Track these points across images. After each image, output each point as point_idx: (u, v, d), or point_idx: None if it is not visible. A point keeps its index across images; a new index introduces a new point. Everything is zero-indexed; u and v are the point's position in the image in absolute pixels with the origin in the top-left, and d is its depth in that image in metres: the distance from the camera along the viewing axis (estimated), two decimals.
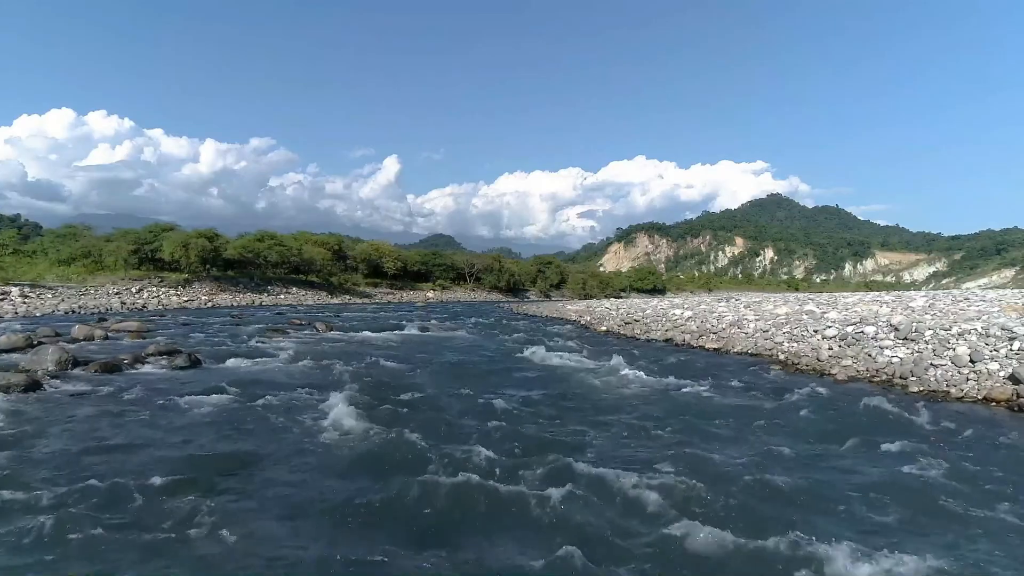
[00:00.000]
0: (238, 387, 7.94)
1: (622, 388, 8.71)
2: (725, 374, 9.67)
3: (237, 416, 6.46)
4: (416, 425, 6.08)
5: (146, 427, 6.10)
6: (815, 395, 8.00)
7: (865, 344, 9.86)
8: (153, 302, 34.19)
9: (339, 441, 5.64)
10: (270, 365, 10.21)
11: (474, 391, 8.20)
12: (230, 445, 5.54)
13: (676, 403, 7.65)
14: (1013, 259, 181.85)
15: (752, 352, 11.91)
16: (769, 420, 6.76)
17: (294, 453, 5.30)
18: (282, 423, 6.21)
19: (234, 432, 5.91)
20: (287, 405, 6.97)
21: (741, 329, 13.33)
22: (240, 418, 6.38)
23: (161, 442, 5.60)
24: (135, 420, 6.38)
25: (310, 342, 14.11)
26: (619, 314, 20.97)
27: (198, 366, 9.93)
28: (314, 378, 8.94)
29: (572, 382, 9.14)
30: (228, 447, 5.48)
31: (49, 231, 59.13)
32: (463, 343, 15.06)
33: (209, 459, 5.10)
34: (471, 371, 10.05)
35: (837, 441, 5.95)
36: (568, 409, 7.31)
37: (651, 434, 6.20)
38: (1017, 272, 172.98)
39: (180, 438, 5.75)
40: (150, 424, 6.20)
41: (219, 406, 6.95)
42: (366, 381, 8.53)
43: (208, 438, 5.75)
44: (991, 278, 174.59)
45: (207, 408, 6.86)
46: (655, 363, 11.06)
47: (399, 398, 7.53)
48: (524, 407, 7.28)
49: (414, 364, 10.32)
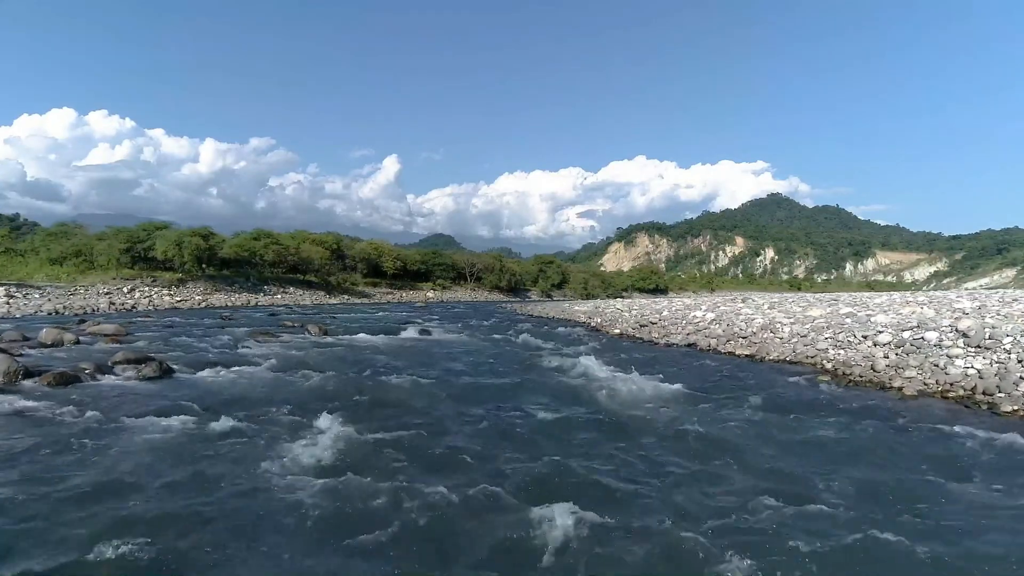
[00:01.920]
0: (207, 406, 6.75)
1: (657, 405, 7.52)
2: (769, 386, 8.49)
3: (194, 450, 5.24)
4: (415, 463, 4.91)
5: (74, 466, 4.87)
6: (887, 415, 6.84)
7: (929, 353, 8.66)
8: (144, 303, 33.00)
9: (315, 493, 4.34)
10: (251, 376, 9.00)
11: (483, 411, 7.02)
12: (174, 500, 4.25)
13: (729, 425, 6.46)
14: (1014, 259, 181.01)
15: (790, 360, 10.72)
16: (846, 449, 5.58)
17: (254, 516, 3.99)
18: (248, 464, 4.96)
19: (185, 476, 4.68)
20: (259, 434, 5.75)
21: (775, 334, 12.12)
22: (197, 453, 5.16)
23: (86, 489, 4.37)
24: (68, 452, 5.18)
25: (300, 347, 12.90)
26: (632, 316, 19.74)
27: (168, 376, 8.72)
28: (298, 394, 7.74)
29: (594, 397, 7.93)
30: (171, 503, 4.18)
31: (41, 229, 57.95)
32: (467, 349, 13.84)
33: (139, 522, 3.86)
34: (478, 384, 8.83)
35: (948, 477, 4.76)
36: (598, 434, 6.11)
37: (709, 469, 5.01)
38: (1018, 272, 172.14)
39: (113, 482, 4.53)
40: (80, 462, 4.97)
41: (177, 434, 5.75)
42: (358, 400, 7.33)
43: (149, 486, 4.49)
44: (992, 278, 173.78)
45: (162, 436, 5.66)
46: (684, 372, 9.89)
47: (395, 422, 6.32)
48: (544, 432, 6.09)
49: (414, 375, 9.10)
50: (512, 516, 3.92)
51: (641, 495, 4.43)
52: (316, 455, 5.06)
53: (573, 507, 3.91)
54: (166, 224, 49.57)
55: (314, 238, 56.71)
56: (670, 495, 4.45)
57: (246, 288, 44.18)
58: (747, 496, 4.36)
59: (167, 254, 41.80)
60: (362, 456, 5.12)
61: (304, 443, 5.38)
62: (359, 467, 4.81)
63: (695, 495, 4.44)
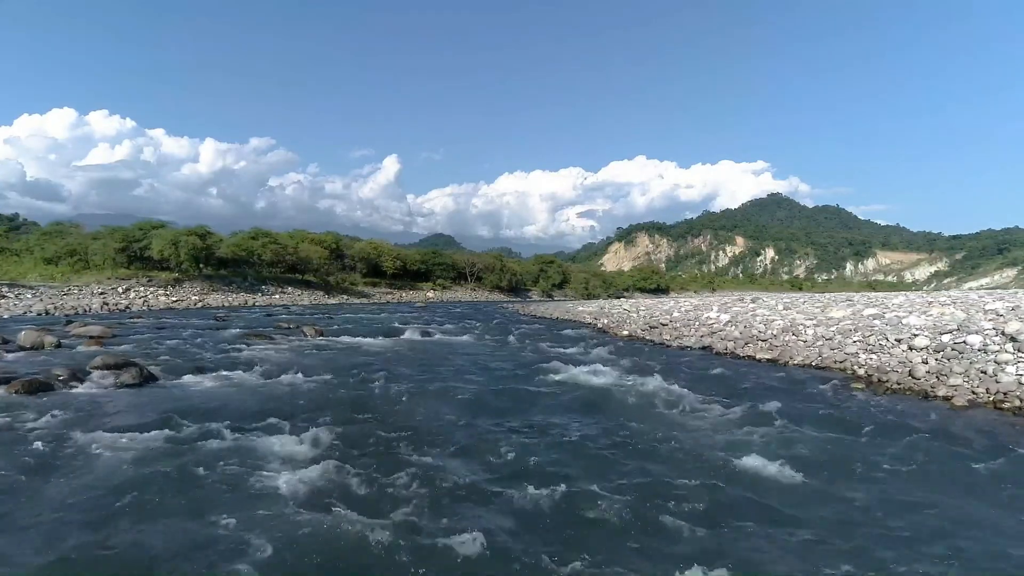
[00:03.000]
0: (187, 417, 6.09)
1: (685, 418, 6.87)
2: (801, 395, 7.84)
3: (165, 476, 4.57)
4: (417, 496, 4.26)
5: (24, 492, 4.22)
6: (940, 429, 6.20)
7: (973, 358, 8.01)
8: (138, 303, 32.34)
9: (298, 531, 3.66)
10: (238, 383, 8.33)
11: (493, 426, 6.36)
12: (134, 531, 3.61)
13: (768, 442, 5.79)
14: (1015, 258, 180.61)
15: (817, 364, 10.06)
16: (907, 472, 4.93)
17: (221, 555, 3.37)
18: (223, 491, 4.29)
19: (151, 505, 4.03)
20: (240, 454, 5.07)
21: (797, 337, 11.43)
22: (168, 480, 4.49)
23: (32, 520, 3.72)
24: (21, 473, 4.52)
25: (294, 350, 12.22)
26: (641, 317, 19.04)
27: (149, 383, 8.06)
28: (287, 404, 7.06)
29: (614, 409, 7.26)
30: (129, 535, 3.55)
31: (36, 228, 57.32)
32: (470, 352, 13.15)
33: (87, 559, 3.21)
34: (486, 393, 8.12)
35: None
36: (625, 457, 5.40)
37: (764, 502, 4.35)
38: (1019, 271, 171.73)
39: (66, 509, 3.90)
40: (30, 487, 4.32)
41: (150, 452, 5.09)
42: (352, 412, 6.63)
43: (108, 515, 3.86)
44: (993, 278, 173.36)
45: (134, 454, 5.00)
46: (705, 379, 9.22)
47: (394, 440, 5.65)
48: (567, 456, 5.40)
49: (413, 383, 8.41)
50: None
51: (689, 538, 3.77)
52: (301, 482, 4.39)
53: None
54: (163, 223, 48.96)
55: (313, 237, 56.06)
56: (726, 540, 3.80)
57: (244, 288, 43.53)
58: (824, 536, 3.71)
59: (163, 253, 41.20)
60: (354, 484, 4.46)
61: (289, 467, 4.73)
62: (349, 499, 4.18)
63: (760, 542, 3.78)
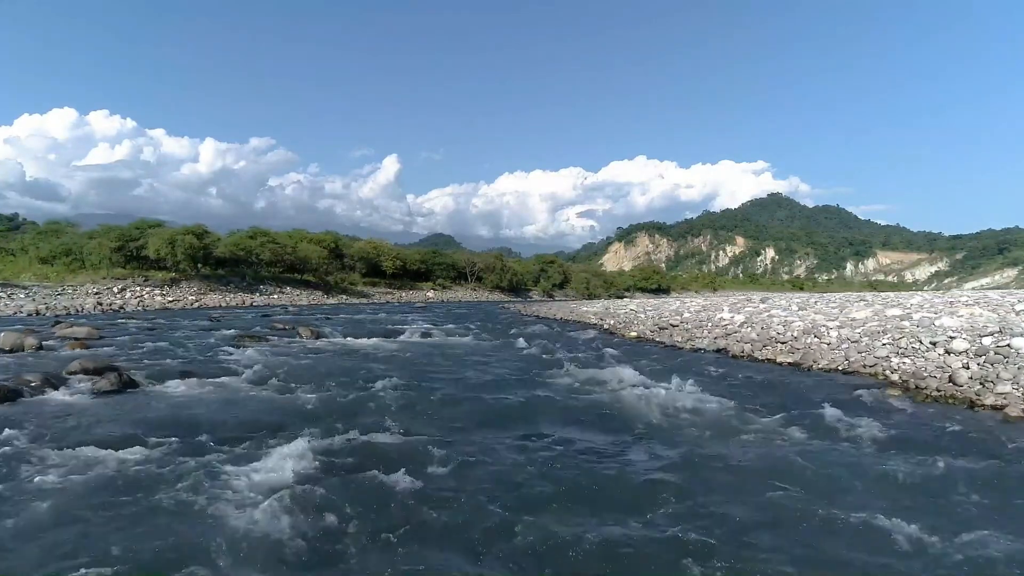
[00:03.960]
0: (162, 431, 5.51)
1: (720, 433, 6.28)
2: (834, 402, 7.24)
3: (133, 493, 3.98)
4: (418, 531, 3.66)
5: None
6: (995, 443, 5.63)
7: (1022, 364, 7.41)
8: (133, 303, 31.77)
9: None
10: (225, 389, 7.72)
11: (504, 440, 5.75)
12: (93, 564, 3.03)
13: (805, 459, 5.20)
14: (1015, 258, 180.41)
15: (843, 368, 9.45)
16: (969, 495, 4.34)
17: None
18: (193, 523, 3.69)
19: (114, 532, 3.42)
20: (217, 475, 4.45)
21: (820, 339, 10.81)
22: (135, 498, 3.90)
23: None
24: None
25: (288, 353, 11.62)
26: (649, 317, 18.40)
27: (128, 390, 7.45)
28: (274, 414, 6.46)
29: (635, 420, 6.63)
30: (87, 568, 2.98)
31: (32, 227, 56.73)
32: (474, 354, 12.54)
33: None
34: (493, 400, 7.49)
35: None
36: (660, 482, 4.72)
37: (818, 527, 3.75)
38: (1020, 271, 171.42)
39: (16, 539, 3.29)
40: None
41: (118, 469, 4.51)
42: (345, 426, 5.97)
43: (63, 545, 3.26)
44: (993, 277, 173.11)
45: (97, 472, 4.41)
46: (727, 385, 8.63)
47: (391, 456, 5.01)
48: (587, 480, 4.72)
49: (413, 390, 7.75)
50: None
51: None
52: (282, 510, 3.79)
53: None
54: (159, 222, 48.41)
55: (312, 237, 55.51)
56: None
57: (241, 288, 42.98)
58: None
59: (160, 253, 40.65)
60: (340, 512, 3.87)
61: (270, 491, 4.12)
62: (334, 532, 3.59)
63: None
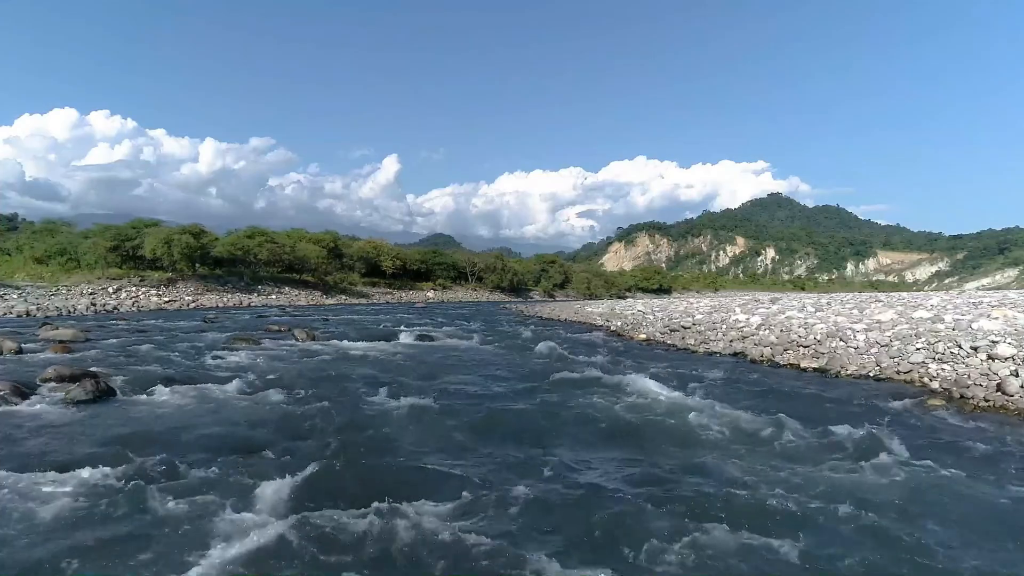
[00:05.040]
0: (135, 447, 4.92)
1: (759, 451, 5.68)
2: (879, 415, 6.65)
3: (90, 524, 3.35)
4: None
5: None
6: None
7: None
8: (128, 304, 31.16)
9: None
10: (208, 399, 7.08)
11: (509, 463, 5.09)
12: None
13: (860, 488, 4.60)
14: (1016, 258, 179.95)
15: (875, 375, 8.84)
16: None
17: None
18: (165, 557, 3.10)
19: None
20: (190, 502, 3.84)
21: (847, 343, 10.19)
22: (95, 531, 3.27)
23: None
24: None
25: (281, 357, 10.98)
26: (658, 319, 17.73)
27: (105, 399, 6.83)
28: (263, 429, 5.83)
29: (659, 436, 6.00)
30: None
31: (27, 227, 56.10)
32: (477, 360, 11.85)
33: None
34: (502, 413, 6.78)
35: None
36: (695, 512, 4.12)
37: None
38: (1021, 271, 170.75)
39: None
40: None
41: (74, 503, 3.87)
42: (337, 444, 5.32)
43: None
44: (994, 277, 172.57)
45: (54, 501, 3.79)
46: (754, 393, 8.00)
47: (383, 483, 4.34)
48: (612, 512, 4.09)
49: (413, 400, 7.03)
50: None
51: None
52: (260, 549, 3.17)
53: None
54: (156, 221, 47.81)
55: (310, 237, 54.92)
56: None
57: (239, 288, 42.38)
58: None
59: (156, 252, 40.07)
60: (326, 551, 3.25)
61: (247, 525, 3.51)
62: None
63: None
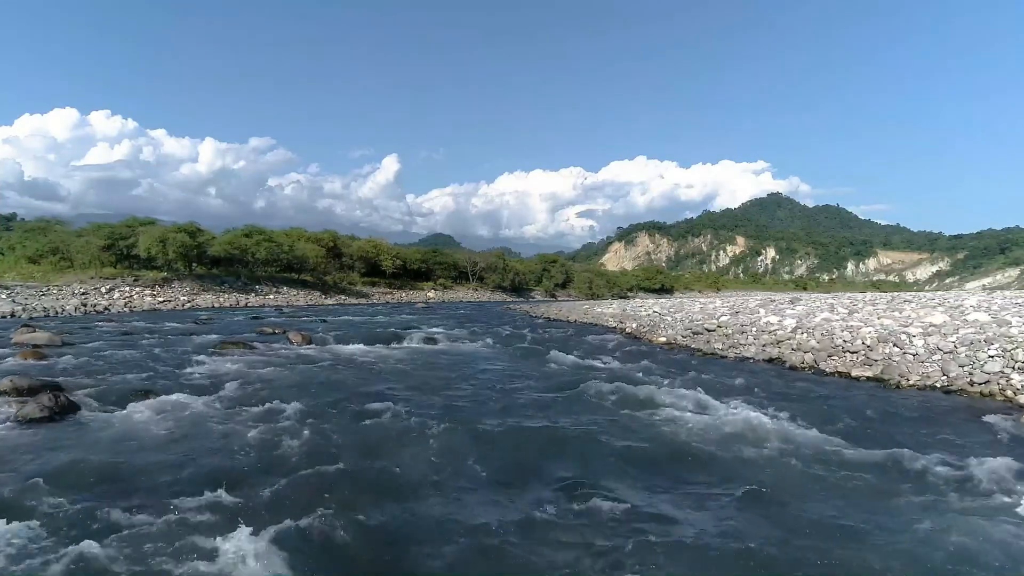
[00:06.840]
0: (81, 483, 4.04)
1: (836, 482, 4.72)
2: (961, 436, 5.67)
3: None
4: None
5: None
6: None
7: None
8: (121, 304, 30.16)
9: None
10: (187, 415, 6.09)
11: (528, 497, 4.14)
12: None
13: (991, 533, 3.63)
14: (1017, 258, 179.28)
15: (942, 386, 7.87)
16: None
17: None
18: None
19: None
20: (152, 558, 2.88)
21: (902, 349, 9.18)
22: None
23: None
24: None
25: (273, 363, 9.97)
26: (678, 320, 16.59)
27: (63, 416, 5.85)
28: (246, 454, 4.86)
29: (710, 459, 5.06)
30: None
31: (20, 225, 55.08)
32: (485, 366, 10.80)
33: None
34: (511, 433, 5.69)
35: None
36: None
37: None
38: (1021, 271, 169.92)
39: None
40: None
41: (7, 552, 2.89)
42: (328, 473, 4.33)
43: None
44: (995, 277, 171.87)
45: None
46: (805, 406, 7.03)
47: (381, 525, 3.43)
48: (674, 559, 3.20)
49: (415, 415, 6.02)
50: None
51: None
52: None
53: None
54: (152, 220, 46.81)
55: (309, 236, 53.93)
56: None
57: (236, 288, 41.36)
58: None
59: (150, 252, 39.10)
60: None
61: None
62: None
63: None
